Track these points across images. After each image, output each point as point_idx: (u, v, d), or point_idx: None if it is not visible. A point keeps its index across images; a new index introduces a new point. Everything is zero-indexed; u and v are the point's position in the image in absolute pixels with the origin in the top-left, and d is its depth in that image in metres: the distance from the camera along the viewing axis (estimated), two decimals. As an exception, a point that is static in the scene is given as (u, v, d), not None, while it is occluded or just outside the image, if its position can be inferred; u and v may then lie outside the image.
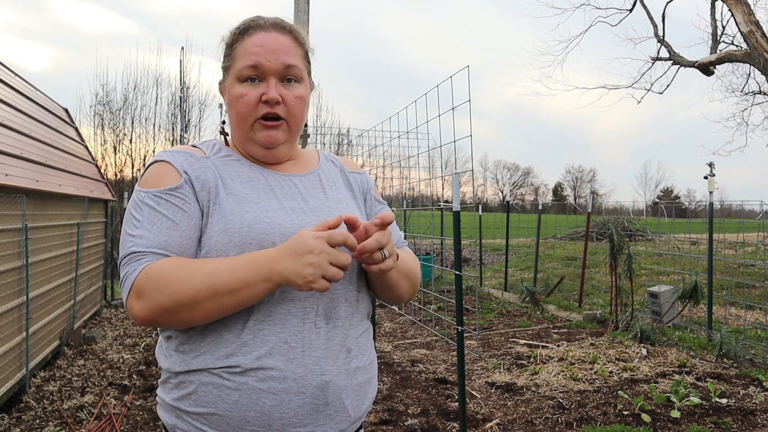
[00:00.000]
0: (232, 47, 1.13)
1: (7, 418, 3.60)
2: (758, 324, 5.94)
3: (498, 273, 10.83)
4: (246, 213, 1.05)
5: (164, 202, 1.04)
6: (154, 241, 1.01)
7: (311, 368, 1.02)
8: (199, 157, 1.12)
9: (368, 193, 1.30)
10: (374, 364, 1.18)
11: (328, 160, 1.29)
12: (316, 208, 1.13)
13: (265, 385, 1.00)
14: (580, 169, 72.50)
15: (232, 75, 1.11)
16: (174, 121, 13.96)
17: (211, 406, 1.01)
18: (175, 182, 1.06)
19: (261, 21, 1.13)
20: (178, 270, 0.96)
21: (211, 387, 1.01)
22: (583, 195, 68.14)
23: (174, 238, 1.02)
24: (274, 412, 1.00)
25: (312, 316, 1.04)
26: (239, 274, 0.96)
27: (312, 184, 1.18)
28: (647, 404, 3.64)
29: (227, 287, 0.95)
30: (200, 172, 1.09)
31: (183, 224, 1.04)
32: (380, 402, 3.87)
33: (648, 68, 11.35)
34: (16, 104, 4.89)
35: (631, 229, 14.76)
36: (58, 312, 5.10)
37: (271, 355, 1.00)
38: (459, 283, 3.22)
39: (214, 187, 1.08)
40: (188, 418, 1.03)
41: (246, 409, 1.00)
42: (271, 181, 1.13)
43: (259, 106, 1.09)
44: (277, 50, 1.10)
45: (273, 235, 1.03)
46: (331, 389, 1.03)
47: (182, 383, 1.04)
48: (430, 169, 11.43)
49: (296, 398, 1.01)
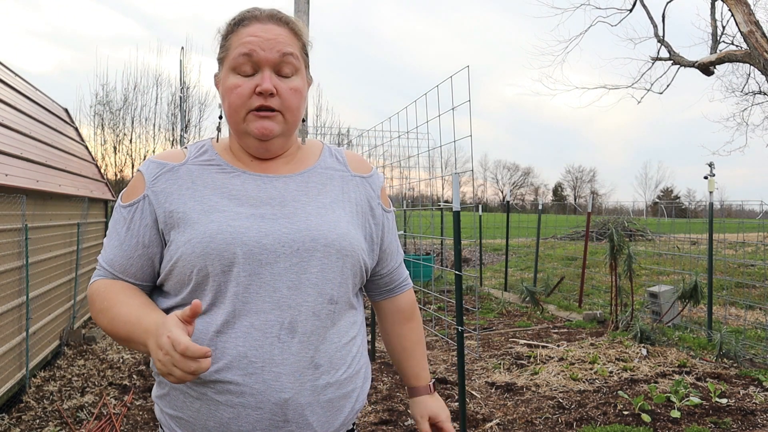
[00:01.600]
0: (227, 38, 1.09)
1: (7, 418, 3.60)
2: (758, 324, 5.94)
3: (498, 273, 10.83)
4: (210, 222, 1.02)
5: (120, 218, 1.09)
6: (105, 257, 1.10)
7: (270, 384, 0.99)
8: (172, 165, 1.09)
9: (373, 199, 1.20)
10: (357, 377, 1.12)
11: (332, 156, 1.20)
12: (290, 213, 1.06)
13: (222, 398, 1.00)
14: (580, 169, 72.55)
15: (227, 66, 1.07)
16: (174, 121, 13.96)
17: (179, 410, 1.05)
18: (135, 197, 1.08)
19: (257, 12, 1.09)
20: (100, 300, 1.06)
21: (178, 392, 1.05)
22: (583, 195, 68.15)
23: (117, 258, 1.08)
24: (232, 424, 1.00)
25: (276, 330, 1.00)
26: (128, 331, 0.99)
27: (296, 185, 1.11)
28: (647, 404, 3.64)
29: (120, 336, 1.01)
30: (167, 183, 1.07)
31: (126, 243, 1.07)
32: (380, 402, 3.87)
33: (648, 68, 11.36)
34: (16, 104, 4.89)
35: (631, 229, 14.75)
36: (58, 312, 5.10)
37: (229, 369, 0.99)
38: (459, 283, 3.22)
39: (178, 198, 1.06)
40: (165, 416, 1.09)
41: (206, 418, 1.01)
42: (249, 185, 1.08)
43: (253, 97, 1.04)
44: (273, 40, 1.05)
45: (234, 245, 1.00)
46: (291, 406, 1.00)
47: (162, 383, 1.09)
48: (430, 169, 11.41)
49: (254, 413, 0.99)
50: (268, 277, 1.01)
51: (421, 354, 1.33)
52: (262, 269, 1.01)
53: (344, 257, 1.07)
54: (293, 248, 1.03)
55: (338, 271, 1.07)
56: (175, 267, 1.03)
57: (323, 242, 1.05)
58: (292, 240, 1.03)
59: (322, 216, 1.08)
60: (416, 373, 1.32)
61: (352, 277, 1.11)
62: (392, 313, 1.32)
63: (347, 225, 1.11)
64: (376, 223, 1.19)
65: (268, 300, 1.01)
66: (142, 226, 1.06)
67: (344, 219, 1.11)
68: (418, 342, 1.34)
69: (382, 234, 1.22)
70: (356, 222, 1.14)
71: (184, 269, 1.02)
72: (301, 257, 1.03)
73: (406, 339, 1.32)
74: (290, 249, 1.03)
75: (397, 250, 1.29)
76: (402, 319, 1.32)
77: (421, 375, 1.32)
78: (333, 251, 1.06)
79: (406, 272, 1.34)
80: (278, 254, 1.02)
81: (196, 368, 0.84)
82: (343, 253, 1.07)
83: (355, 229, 1.13)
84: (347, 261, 1.08)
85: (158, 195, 1.06)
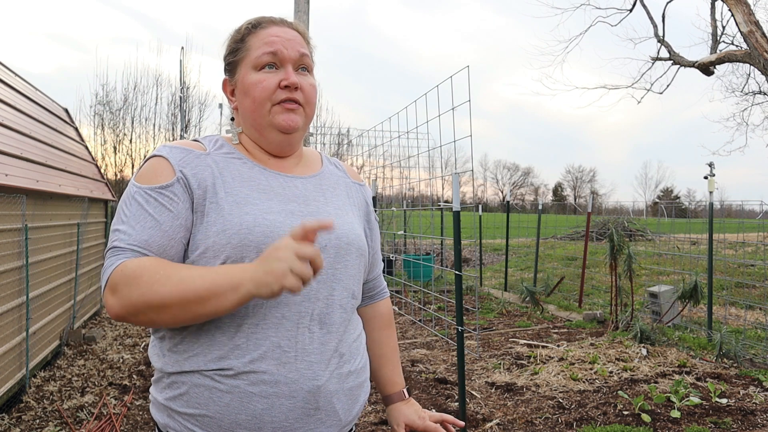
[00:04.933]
0: (244, 41, 1.14)
1: (7, 418, 3.60)
2: (758, 324, 5.94)
3: (498, 273, 10.83)
4: (245, 214, 1.03)
5: (152, 200, 1.03)
6: (136, 238, 1.00)
7: (303, 373, 1.02)
8: (199, 153, 1.09)
9: (368, 206, 1.32)
10: (366, 368, 1.19)
11: (331, 164, 1.29)
12: (315, 212, 1.12)
13: (256, 388, 1.00)
14: (580, 169, 72.66)
15: (247, 65, 1.12)
16: (174, 121, 13.96)
17: (203, 408, 1.01)
18: (167, 180, 1.04)
19: (271, 17, 1.18)
20: (153, 271, 0.95)
21: (203, 389, 1.01)
22: (583, 195, 68.16)
23: (155, 238, 1.01)
24: (265, 415, 1.00)
25: (306, 320, 1.04)
26: (209, 283, 0.93)
27: (313, 186, 1.17)
28: (647, 404, 3.64)
29: (196, 295, 0.93)
30: (198, 169, 1.07)
31: (166, 224, 1.02)
32: (380, 402, 3.87)
33: (648, 68, 11.35)
34: (16, 104, 4.89)
35: (631, 229, 14.75)
36: (58, 312, 5.10)
37: (264, 359, 1.00)
38: (459, 283, 3.22)
39: (211, 186, 1.06)
40: (180, 418, 1.03)
41: (237, 412, 1.00)
42: (273, 181, 1.12)
43: (278, 91, 1.10)
44: (293, 40, 1.13)
45: (272, 238, 1.02)
46: (322, 394, 1.04)
47: (174, 383, 1.04)
48: (430, 169, 11.41)
49: (287, 402, 1.01)
50: None
51: (397, 361, 1.37)
52: None
53: (361, 256, 1.17)
54: (322, 245, 1.08)
55: (357, 268, 1.16)
56: (204, 255, 1.02)
57: (346, 241, 1.13)
58: (321, 237, 1.08)
59: (341, 217, 1.16)
60: (392, 380, 1.34)
61: (363, 275, 1.21)
62: (372, 319, 1.36)
63: (359, 227, 1.21)
64: (371, 228, 1.31)
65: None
66: (185, 208, 1.04)
67: (356, 222, 1.21)
68: (395, 349, 1.38)
69: (374, 239, 1.32)
70: (362, 225, 1.25)
71: (213, 258, 1.01)
72: (328, 254, 1.09)
73: (385, 345, 1.36)
74: (320, 245, 1.07)
75: (380, 258, 1.39)
76: (381, 325, 1.37)
77: (397, 381, 1.35)
78: (354, 249, 1.14)
79: (384, 282, 1.43)
80: None
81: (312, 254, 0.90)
82: (360, 252, 1.16)
83: (363, 232, 1.23)
84: (362, 260, 1.18)
85: (189, 179, 1.05)
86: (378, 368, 1.35)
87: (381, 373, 1.35)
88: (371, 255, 1.30)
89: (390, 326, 1.38)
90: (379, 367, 1.35)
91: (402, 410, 1.32)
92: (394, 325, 1.42)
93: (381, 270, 1.40)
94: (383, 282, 1.42)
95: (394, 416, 1.32)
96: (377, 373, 1.36)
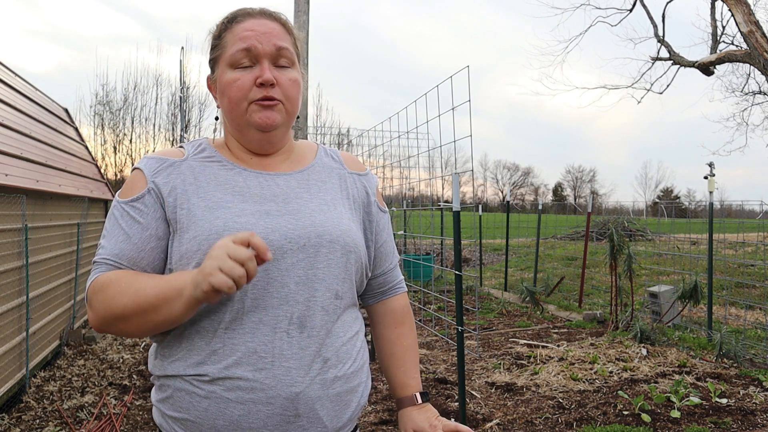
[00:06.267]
0: (221, 37, 1.09)
1: (7, 418, 3.60)
2: (758, 324, 5.94)
3: (498, 273, 10.83)
4: (216, 219, 1.02)
5: (125, 214, 1.05)
6: (110, 252, 1.03)
7: (281, 379, 0.99)
8: (174, 161, 1.09)
9: (369, 197, 1.22)
10: (362, 372, 1.13)
11: (327, 155, 1.23)
12: (295, 210, 1.07)
13: (232, 395, 0.99)
14: (580, 169, 72.65)
15: (224, 63, 1.08)
16: (174, 121, 13.97)
17: (185, 412, 1.02)
18: (139, 191, 1.05)
19: (249, 9, 1.11)
20: (116, 284, 0.98)
21: (184, 393, 1.02)
22: (583, 195, 68.16)
23: (125, 251, 1.03)
24: (243, 422, 0.99)
25: (284, 324, 1.01)
26: (158, 290, 0.94)
27: (297, 183, 1.12)
28: (647, 404, 3.64)
29: (149, 303, 0.95)
30: (170, 178, 1.06)
31: (135, 237, 1.03)
32: (380, 402, 3.87)
33: (648, 68, 11.34)
34: (16, 104, 4.89)
35: (631, 229, 14.75)
36: (58, 312, 5.10)
37: (239, 365, 0.99)
38: (459, 283, 3.22)
39: (182, 193, 1.05)
40: (169, 420, 1.05)
41: (215, 418, 0.99)
42: (251, 182, 1.09)
43: (253, 89, 1.05)
44: (269, 33, 1.07)
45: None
46: (302, 400, 1.00)
47: (162, 386, 1.06)
48: (430, 169, 11.40)
49: (265, 409, 0.99)
50: (276, 272, 1.01)
51: (412, 362, 1.27)
52: (270, 265, 1.01)
53: (348, 253, 1.09)
54: (299, 244, 1.04)
55: (343, 266, 1.08)
56: (180, 263, 1.02)
57: (328, 238, 1.07)
58: (299, 236, 1.04)
59: (326, 213, 1.10)
60: (403, 382, 1.25)
61: (355, 273, 1.13)
62: (383, 316, 1.29)
63: (349, 222, 1.13)
64: (371, 220, 1.22)
65: (276, 295, 1.01)
66: (155, 218, 1.04)
67: (346, 216, 1.14)
68: (409, 349, 1.27)
69: (378, 232, 1.23)
70: (356, 218, 1.17)
71: (186, 266, 1.01)
72: (307, 253, 1.04)
73: (396, 344, 1.27)
74: (297, 245, 1.04)
75: (392, 251, 1.29)
76: (393, 323, 1.28)
77: (409, 384, 1.25)
78: (338, 247, 1.08)
79: (400, 276, 1.32)
80: (285, 250, 1.02)
81: (244, 255, 0.85)
82: (347, 249, 1.09)
83: (356, 226, 1.16)
84: (351, 257, 1.10)
85: (161, 188, 1.06)
86: (388, 369, 1.27)
87: (390, 374, 1.27)
88: (375, 248, 1.23)
89: (403, 324, 1.28)
90: (389, 368, 1.27)
91: (412, 416, 1.22)
92: (412, 323, 1.31)
93: (395, 263, 1.29)
94: (398, 276, 1.31)
95: (402, 422, 1.23)
96: (387, 374, 1.28)
